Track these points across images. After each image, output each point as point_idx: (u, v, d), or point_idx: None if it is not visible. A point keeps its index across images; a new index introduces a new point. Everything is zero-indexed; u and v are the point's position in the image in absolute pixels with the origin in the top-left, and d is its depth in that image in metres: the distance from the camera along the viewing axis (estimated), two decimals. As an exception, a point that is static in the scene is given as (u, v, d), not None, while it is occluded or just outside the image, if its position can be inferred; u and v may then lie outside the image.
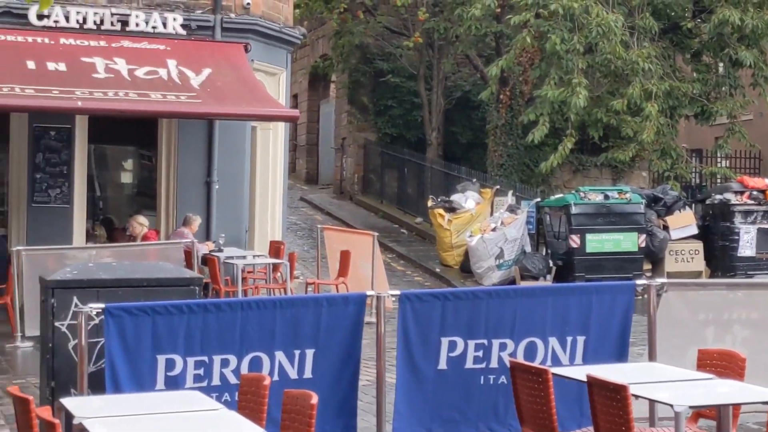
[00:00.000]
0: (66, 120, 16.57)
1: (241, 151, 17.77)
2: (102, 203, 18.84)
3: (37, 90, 14.53)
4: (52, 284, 7.64)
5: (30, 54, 15.44)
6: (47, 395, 7.51)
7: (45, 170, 16.67)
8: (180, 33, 16.94)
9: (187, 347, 7.39)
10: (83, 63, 15.62)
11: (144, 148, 19.09)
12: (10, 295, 14.67)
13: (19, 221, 16.74)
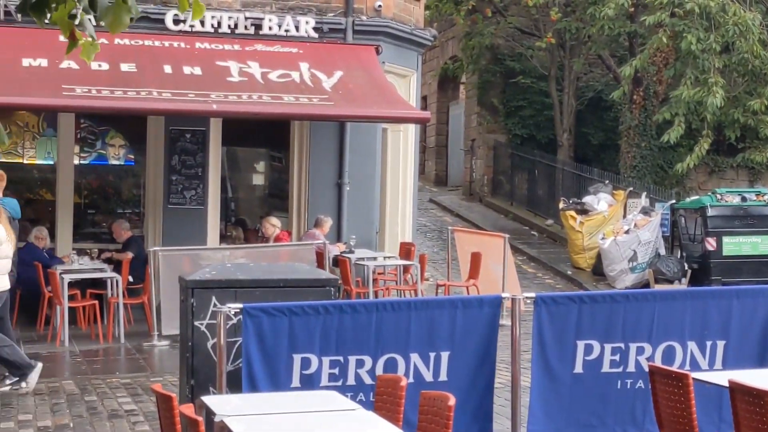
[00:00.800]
0: (201, 123, 16.87)
1: (372, 153, 17.85)
2: (234, 205, 19.10)
3: (173, 93, 14.79)
4: (191, 284, 7.75)
5: (167, 58, 15.75)
6: (187, 393, 7.63)
7: (180, 172, 16.99)
8: (312, 36, 17.10)
9: (323, 347, 7.44)
10: (218, 66, 15.86)
11: (275, 150, 19.30)
12: (147, 295, 14.97)
13: (156, 222, 17.08)
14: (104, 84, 14.66)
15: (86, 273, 15.14)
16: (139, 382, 11.81)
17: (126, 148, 18.14)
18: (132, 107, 14.71)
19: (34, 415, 10.08)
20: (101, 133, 17.88)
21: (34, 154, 17.80)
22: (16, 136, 17.51)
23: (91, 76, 14.78)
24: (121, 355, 13.95)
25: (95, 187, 18.15)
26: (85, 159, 17.80)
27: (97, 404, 10.58)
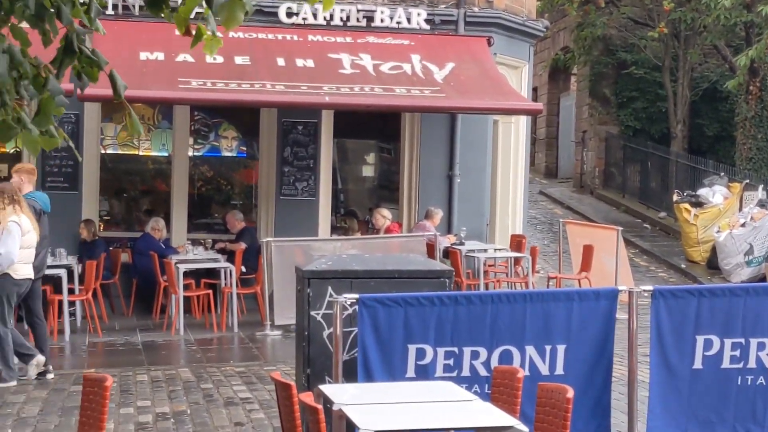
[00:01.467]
0: (313, 115, 17.01)
1: (482, 145, 17.80)
2: (343, 196, 19.21)
3: (286, 86, 14.92)
4: (308, 274, 7.81)
5: (280, 51, 15.90)
6: (303, 382, 7.69)
7: (293, 164, 17.16)
8: (424, 28, 17.10)
9: (438, 338, 7.44)
10: (330, 59, 15.96)
11: (385, 141, 19.36)
12: (260, 285, 15.15)
13: (268, 213, 17.28)
14: (219, 77, 14.86)
15: (201, 263, 15.39)
16: (253, 370, 11.96)
17: (239, 140, 18.35)
18: (246, 99, 14.88)
19: (152, 402, 10.28)
20: (214, 125, 18.12)
21: (149, 146, 18.10)
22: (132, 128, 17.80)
23: (206, 69, 15.00)
24: (235, 344, 14.15)
25: (208, 178, 18.40)
26: (198, 151, 18.06)
27: (213, 392, 10.74)
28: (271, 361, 12.79)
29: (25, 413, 9.86)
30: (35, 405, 10.19)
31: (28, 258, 11.08)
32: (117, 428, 9.17)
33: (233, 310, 14.83)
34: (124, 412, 9.82)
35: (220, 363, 12.58)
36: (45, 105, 4.75)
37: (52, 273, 14.59)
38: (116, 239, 17.25)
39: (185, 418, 9.59)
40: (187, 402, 10.27)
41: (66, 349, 13.72)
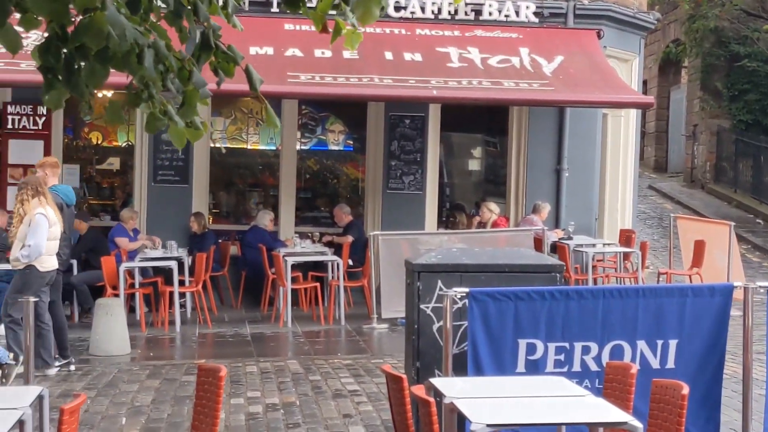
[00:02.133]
0: (420, 109, 17.02)
1: (591, 139, 17.62)
2: (449, 190, 19.17)
3: (394, 80, 14.94)
4: (418, 268, 7.81)
5: (388, 45, 15.93)
6: (413, 375, 7.70)
7: (400, 158, 17.20)
8: (532, 21, 16.99)
9: (548, 333, 7.38)
10: (438, 53, 15.94)
11: (491, 135, 19.27)
12: (367, 278, 15.22)
13: (375, 207, 17.35)
14: (327, 71, 14.95)
15: (308, 256, 15.51)
16: (360, 363, 12.01)
17: (345, 134, 18.43)
18: (354, 93, 14.95)
19: (262, 393, 10.39)
20: (322, 119, 18.23)
21: (257, 140, 18.29)
22: (240, 122, 18.03)
23: (314, 63, 15.12)
24: (342, 336, 14.22)
25: (315, 172, 18.53)
26: (305, 144, 18.19)
27: (321, 384, 10.82)
28: (378, 354, 12.83)
29: (138, 402, 10.05)
30: (148, 394, 10.37)
31: (53, 250, 11.17)
32: (228, 418, 9.29)
33: (340, 302, 14.92)
34: (235, 402, 9.95)
35: (327, 355, 12.67)
36: (190, 97, 4.84)
37: (164, 265, 14.87)
38: (225, 232, 17.49)
39: (294, 410, 9.68)
40: (296, 393, 10.36)
41: (177, 339, 13.95)
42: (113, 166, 18.30)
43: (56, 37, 4.20)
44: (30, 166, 16.39)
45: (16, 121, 16.40)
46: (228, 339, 13.92)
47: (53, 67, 4.29)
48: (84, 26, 4.03)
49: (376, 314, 14.54)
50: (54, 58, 4.26)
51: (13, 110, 16.39)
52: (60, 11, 4.02)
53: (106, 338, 12.66)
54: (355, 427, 9.06)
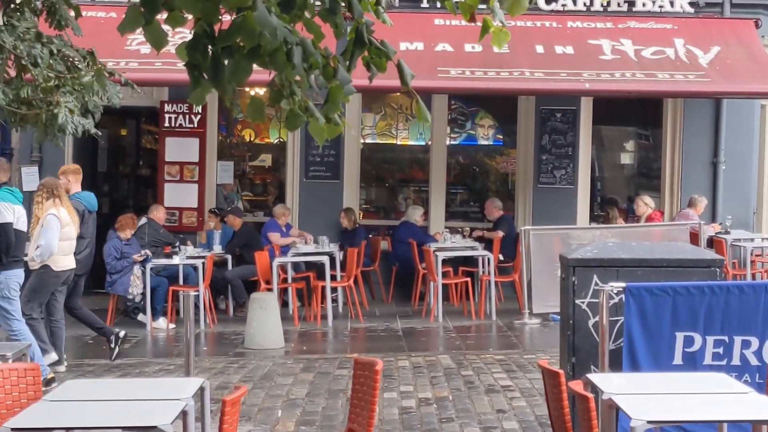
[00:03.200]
0: (572, 102, 16.86)
1: (749, 131, 17.17)
2: (600, 184, 18.91)
3: (545, 73, 14.82)
4: (573, 262, 7.72)
5: (539, 38, 15.80)
6: (568, 370, 7.61)
7: (551, 152, 17.07)
8: (687, 11, 16.63)
9: (707, 326, 7.24)
10: (590, 45, 15.74)
11: (644, 128, 18.93)
12: (518, 273, 15.13)
13: (526, 201, 17.24)
14: (477, 65, 14.91)
15: (459, 251, 15.50)
16: (512, 358, 11.95)
17: (495, 129, 18.36)
18: (504, 87, 14.89)
19: (415, 387, 10.42)
20: (471, 113, 18.19)
21: (407, 136, 18.35)
22: (390, 118, 18.12)
23: (464, 58, 15.09)
24: (493, 331, 14.17)
25: (464, 166, 18.50)
26: (455, 139, 18.17)
27: (474, 379, 10.79)
28: (530, 349, 12.75)
29: (293, 395, 10.19)
30: (303, 387, 10.51)
31: (68, 249, 11.25)
32: (381, 412, 9.33)
33: (491, 298, 14.87)
34: (388, 396, 10.00)
35: (479, 350, 12.64)
36: (334, 93, 4.89)
37: (316, 260, 15.06)
38: (375, 227, 17.61)
39: (447, 404, 9.68)
40: (448, 388, 10.36)
41: (329, 334, 14.11)
42: (265, 163, 18.60)
43: (204, 35, 4.28)
44: (186, 163, 16.85)
45: (173, 119, 16.82)
46: (379, 333, 14.01)
47: (199, 64, 4.38)
48: (237, 25, 4.10)
49: (528, 309, 14.45)
50: (201, 55, 4.34)
51: (170, 109, 16.82)
52: (210, 10, 4.10)
53: (261, 332, 12.88)
54: (509, 422, 9.01)
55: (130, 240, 14.54)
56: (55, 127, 6.19)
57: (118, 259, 14.31)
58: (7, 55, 6.27)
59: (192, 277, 14.94)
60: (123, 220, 14.63)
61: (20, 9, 6.60)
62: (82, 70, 6.41)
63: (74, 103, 6.24)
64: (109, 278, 14.46)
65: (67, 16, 6.70)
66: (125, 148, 20.55)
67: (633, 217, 16.75)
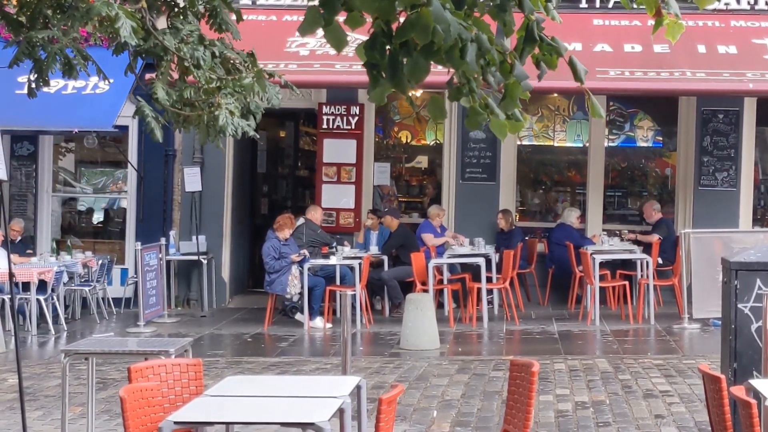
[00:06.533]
0: (734, 103, 16.46)
1: None
2: (763, 187, 18.40)
3: (707, 73, 14.53)
4: (735, 266, 7.55)
5: (701, 38, 15.48)
6: (729, 376, 7.45)
7: (712, 154, 16.70)
8: None
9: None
10: (754, 45, 15.37)
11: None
12: (677, 277, 14.85)
13: (686, 204, 16.91)
14: (637, 65, 14.72)
15: (616, 254, 15.30)
16: (671, 363, 11.75)
17: (654, 130, 18.06)
18: (665, 88, 14.65)
19: (571, 390, 10.34)
20: (630, 115, 17.95)
21: (564, 137, 18.20)
22: (547, 119, 18.01)
23: (624, 58, 14.91)
24: (651, 336, 13.95)
25: (623, 168, 18.25)
26: (613, 141, 17.95)
27: (631, 383, 10.65)
28: (689, 354, 12.50)
29: (448, 396, 10.22)
30: (458, 388, 10.53)
31: None
32: (537, 414, 9.29)
33: (650, 301, 14.64)
34: (544, 399, 9.95)
35: (636, 354, 12.48)
36: (511, 89, 4.88)
37: (471, 261, 15.07)
38: (532, 229, 17.52)
39: (604, 408, 9.58)
40: (605, 392, 10.25)
41: (484, 335, 14.10)
42: (421, 165, 18.69)
43: (381, 34, 4.33)
44: (343, 164, 17.04)
45: (331, 120, 17.05)
46: (535, 336, 13.94)
47: (378, 63, 4.43)
48: (411, 22, 4.14)
49: (687, 314, 14.18)
50: (379, 54, 4.40)
51: (328, 110, 17.05)
52: (387, 8, 4.15)
53: (416, 332, 12.94)
54: (668, 428, 8.87)
55: (288, 240, 14.79)
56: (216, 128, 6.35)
57: (276, 258, 14.58)
58: (170, 57, 6.46)
59: (349, 278, 15.12)
60: (281, 221, 14.89)
61: (183, 13, 6.80)
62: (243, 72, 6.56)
63: (235, 105, 6.39)
64: (267, 278, 14.74)
65: (228, 19, 6.87)
66: (284, 150, 20.91)
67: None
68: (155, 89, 6.34)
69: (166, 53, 6.38)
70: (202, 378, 6.75)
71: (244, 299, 17.13)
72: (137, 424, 5.90)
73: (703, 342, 13.29)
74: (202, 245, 16.20)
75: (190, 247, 16.21)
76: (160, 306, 15.21)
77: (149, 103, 6.52)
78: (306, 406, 5.75)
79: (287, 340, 13.79)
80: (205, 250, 16.21)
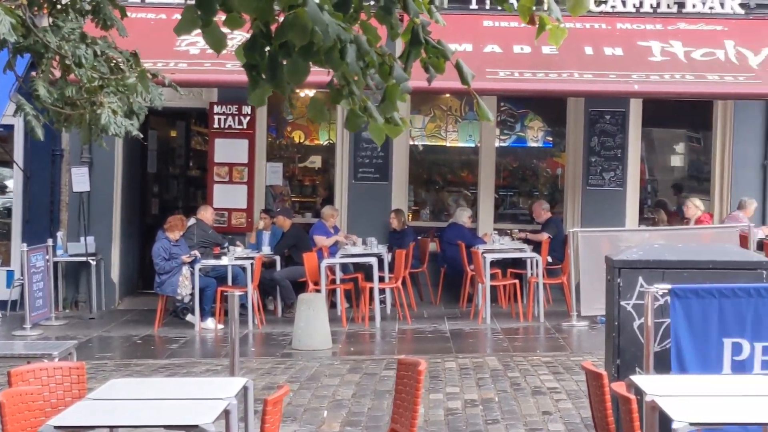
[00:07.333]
0: (621, 104, 16.77)
1: (800, 133, 17.01)
2: (650, 187, 18.79)
3: (594, 75, 14.76)
4: (618, 264, 7.70)
5: (588, 40, 15.72)
6: (612, 372, 7.59)
7: (600, 154, 16.99)
8: (738, 12, 16.48)
9: (755, 332, 7.16)
10: (639, 47, 15.65)
11: (693, 130, 18.79)
12: (566, 275, 15.08)
13: (575, 204, 17.17)
14: (526, 67, 14.88)
15: (507, 253, 15.47)
16: (559, 360, 11.92)
17: (544, 131, 18.30)
18: (553, 89, 14.84)
19: (461, 388, 10.43)
20: (521, 115, 18.15)
21: (456, 138, 18.34)
22: (439, 119, 18.12)
23: (513, 59, 15.07)
24: (541, 333, 14.14)
25: (514, 168, 18.46)
26: (504, 141, 18.14)
27: (520, 380, 10.78)
28: (577, 351, 12.70)
29: (339, 395, 10.23)
30: (349, 388, 10.55)
31: None
32: (427, 413, 9.35)
33: (539, 300, 14.83)
34: (434, 397, 10.01)
35: (526, 352, 12.62)
36: (390, 93, 4.87)
37: (364, 261, 15.10)
38: (424, 229, 17.62)
39: (493, 406, 9.68)
40: (494, 390, 10.35)
41: (376, 335, 14.14)
42: (315, 164, 18.67)
43: (260, 35, 4.31)
44: (235, 164, 16.93)
45: (222, 120, 16.92)
46: (427, 335, 14.02)
47: (257, 64, 4.41)
48: (288, 22, 4.12)
49: (576, 312, 14.40)
50: (258, 55, 4.38)
51: (219, 110, 16.92)
52: (265, 9, 4.13)
53: (309, 333, 12.93)
54: (555, 424, 9.00)
55: (178, 241, 14.67)
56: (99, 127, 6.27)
57: (166, 259, 14.45)
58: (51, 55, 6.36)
59: (241, 278, 15.03)
60: (172, 221, 14.76)
61: (66, 10, 6.70)
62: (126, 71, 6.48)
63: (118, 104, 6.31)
64: (158, 279, 14.60)
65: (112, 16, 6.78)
66: (175, 150, 20.70)
67: (683, 219, 16.62)
68: (36, 87, 6.24)
69: (47, 51, 6.28)
70: (86, 381, 6.65)
71: (134, 301, 16.91)
72: (17, 429, 5.79)
73: (591, 339, 13.49)
74: (90, 246, 15.96)
75: (79, 248, 15.95)
76: (47, 308, 14.94)
77: (30, 102, 6.40)
78: (191, 408, 5.70)
79: (178, 342, 13.67)
80: (93, 251, 15.98)
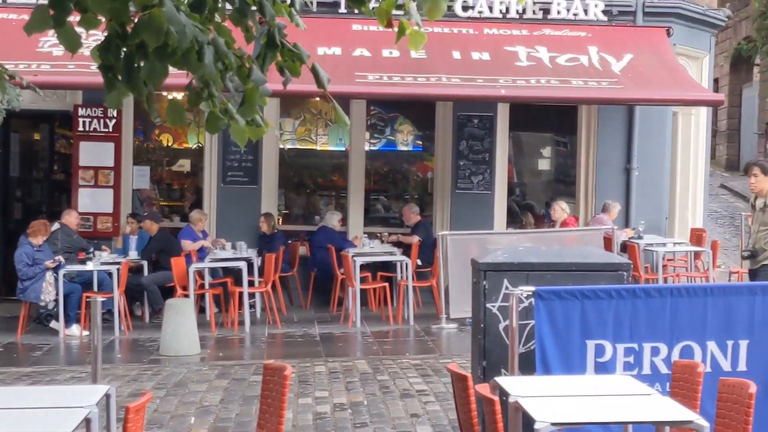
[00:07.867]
0: (489, 108, 16.98)
1: (661, 137, 17.45)
2: (518, 190, 19.09)
3: (462, 79, 14.92)
4: (484, 266, 7.78)
5: (456, 44, 15.91)
6: (479, 374, 7.67)
7: (468, 157, 17.17)
8: (601, 19, 16.86)
9: (616, 333, 7.30)
10: (506, 52, 15.89)
11: (561, 134, 19.15)
12: (436, 278, 15.20)
13: (444, 207, 17.33)
14: (395, 71, 14.97)
15: (377, 256, 15.53)
16: (428, 363, 12.00)
17: (414, 135, 18.43)
18: (422, 93, 14.96)
19: (330, 392, 10.42)
20: (390, 119, 18.24)
21: (326, 141, 18.35)
22: (309, 123, 18.10)
23: (382, 63, 15.15)
24: (410, 336, 14.21)
25: (384, 172, 18.55)
26: (374, 145, 18.21)
27: (389, 383, 10.82)
28: (446, 353, 12.80)
29: (207, 401, 10.13)
30: (217, 394, 10.45)
31: None
32: (296, 417, 9.32)
33: (409, 303, 14.91)
34: (303, 402, 9.99)
35: (396, 355, 12.67)
36: (250, 95, 4.82)
37: (233, 266, 14.98)
38: (294, 233, 17.58)
39: (362, 409, 9.69)
40: (363, 393, 10.37)
41: (246, 340, 14.04)
42: (183, 168, 18.48)
43: (116, 36, 4.23)
44: (101, 168, 16.64)
45: (87, 123, 16.62)
46: (297, 339, 13.98)
47: (113, 66, 4.32)
48: (143, 23, 4.05)
49: (445, 314, 14.52)
50: (114, 57, 4.29)
51: (84, 113, 16.61)
52: (119, 9, 4.05)
53: (177, 338, 12.77)
54: (423, 426, 9.05)
55: (42, 246, 14.34)
56: (-47, 129, 6.11)
57: (29, 265, 14.12)
58: None
59: (107, 284, 14.77)
60: (35, 226, 14.43)
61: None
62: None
63: (-26, 106, 6.15)
64: (20, 285, 14.26)
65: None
66: (38, 153, 20.25)
67: (549, 222, 16.92)
68: None
69: None
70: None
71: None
72: None
73: (460, 341, 13.60)
74: (-50, 252, 15.53)
75: (-62, 254, 15.51)
76: None
77: None
78: (50, 417, 5.55)
79: (42, 349, 13.37)
80: (-46, 258, 15.56)
